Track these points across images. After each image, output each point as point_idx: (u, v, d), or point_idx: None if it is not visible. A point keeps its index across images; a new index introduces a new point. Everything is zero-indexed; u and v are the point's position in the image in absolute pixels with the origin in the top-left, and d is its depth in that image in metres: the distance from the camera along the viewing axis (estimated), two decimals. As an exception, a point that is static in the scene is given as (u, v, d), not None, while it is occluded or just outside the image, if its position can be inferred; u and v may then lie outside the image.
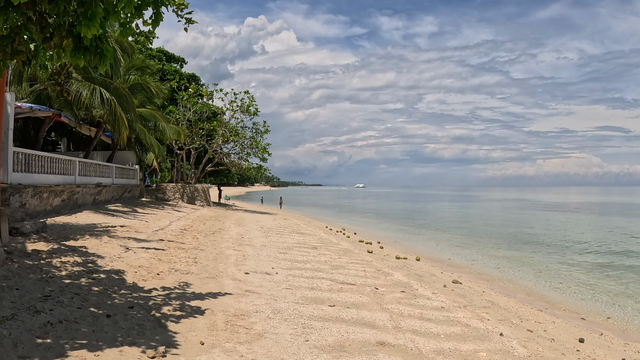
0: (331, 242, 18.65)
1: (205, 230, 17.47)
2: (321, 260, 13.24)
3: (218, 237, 15.79)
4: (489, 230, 30.86)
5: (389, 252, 18.54)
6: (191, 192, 32.57)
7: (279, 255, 13.16)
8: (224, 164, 36.39)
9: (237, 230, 18.89)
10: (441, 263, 17.46)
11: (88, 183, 20.63)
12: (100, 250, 10.47)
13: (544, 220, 40.49)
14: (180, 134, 27.12)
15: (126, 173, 27.21)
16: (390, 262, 15.37)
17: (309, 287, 9.46)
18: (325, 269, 11.94)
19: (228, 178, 55.08)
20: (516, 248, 22.41)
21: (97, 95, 17.69)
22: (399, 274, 12.79)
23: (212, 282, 8.85)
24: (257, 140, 34.84)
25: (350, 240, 21.21)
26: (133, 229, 14.99)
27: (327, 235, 21.19)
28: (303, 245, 16.41)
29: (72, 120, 20.83)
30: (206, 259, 11.31)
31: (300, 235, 19.50)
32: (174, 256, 11.07)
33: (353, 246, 18.30)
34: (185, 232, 16.14)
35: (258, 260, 11.90)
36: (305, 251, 14.82)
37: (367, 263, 14.00)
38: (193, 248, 12.70)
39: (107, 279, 8.11)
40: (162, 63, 36.67)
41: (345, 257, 14.77)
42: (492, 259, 19.04)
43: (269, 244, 15.50)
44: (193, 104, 33.64)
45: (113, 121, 18.32)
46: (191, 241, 14.03)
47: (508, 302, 11.80)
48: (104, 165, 23.24)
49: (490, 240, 25.26)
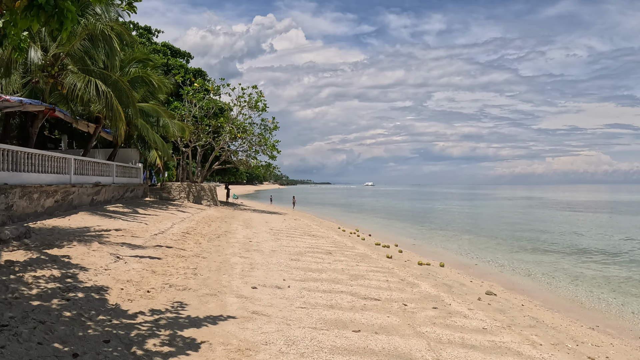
0: (346, 245, 17.22)
1: (210, 234, 16.07)
2: (338, 269, 11.81)
3: (223, 242, 14.38)
4: (510, 231, 29.25)
5: (409, 257, 17.07)
6: (197, 191, 31.23)
7: (290, 263, 11.73)
8: (232, 162, 34.94)
9: (245, 233, 17.48)
10: (467, 269, 15.95)
11: (85, 182, 19.32)
12: (85, 261, 9.09)
13: (564, 221, 38.78)
14: (185, 131, 25.70)
15: (128, 172, 25.91)
16: (413, 269, 13.90)
17: (328, 305, 8.02)
18: (344, 279, 10.51)
19: (236, 176, 53.75)
20: (542, 251, 20.83)
21: (92, 88, 16.34)
22: (425, 284, 11.34)
23: (213, 301, 7.43)
24: (266, 137, 33.39)
25: (365, 243, 19.74)
26: (129, 233, 13.62)
27: (341, 238, 19.75)
28: (316, 249, 14.98)
29: (68, 116, 19.52)
30: (208, 269, 9.89)
31: (312, 238, 18.07)
32: (171, 266, 9.65)
33: (370, 250, 16.85)
34: (187, 236, 14.75)
35: (267, 270, 10.47)
36: (319, 257, 13.39)
37: (389, 271, 12.55)
38: (194, 256, 11.28)
39: (85, 300, 6.71)
40: (167, 57, 35.32)
41: (364, 263, 13.33)
42: (520, 264, 17.50)
43: (279, 249, 14.08)
44: (199, 100, 32.23)
45: (110, 116, 16.97)
46: (193, 247, 12.62)
47: (553, 318, 10.29)
48: (104, 163, 21.92)
49: (513, 242, 23.67)
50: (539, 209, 56.85)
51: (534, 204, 68.87)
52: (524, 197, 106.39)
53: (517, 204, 71.97)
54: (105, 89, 16.51)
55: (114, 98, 16.69)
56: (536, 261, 18.15)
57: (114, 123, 17.07)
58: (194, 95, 31.95)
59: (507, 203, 74.28)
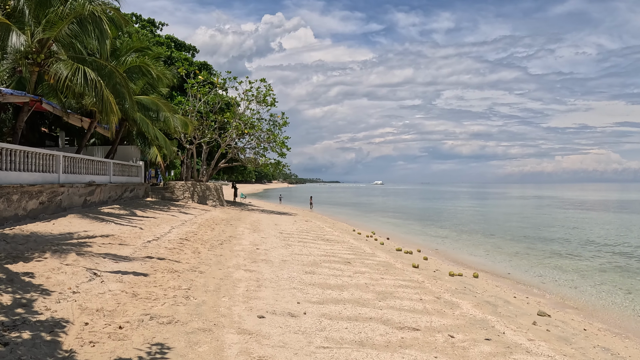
0: (365, 252, 15.35)
1: (212, 240, 14.25)
2: (361, 284, 9.95)
3: (227, 250, 12.54)
4: (536, 233, 27.21)
5: (436, 265, 15.18)
6: (202, 190, 29.43)
7: (304, 278, 9.88)
8: (239, 159, 33.02)
9: (252, 238, 15.65)
10: (504, 281, 14.03)
11: (76, 182, 17.59)
12: (51, 280, 7.28)
13: (591, 222, 36.62)
14: (188, 126, 23.81)
15: (128, 170, 24.17)
16: (446, 281, 12.02)
17: (357, 341, 6.17)
18: (370, 299, 8.65)
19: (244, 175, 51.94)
20: (578, 257, 18.81)
21: (80, 76, 14.56)
22: (466, 303, 9.45)
23: (206, 341, 5.58)
24: (275, 133, 31.44)
25: (385, 248, 17.86)
26: (118, 240, 11.83)
27: (358, 243, 17.87)
28: (333, 258, 13.12)
29: (58, 109, 17.76)
30: (204, 289, 8.03)
31: (327, 244, 16.21)
32: (158, 286, 7.82)
33: (392, 258, 14.97)
34: (185, 242, 12.92)
35: (277, 289, 8.61)
36: (338, 268, 11.53)
37: (420, 286, 10.67)
38: (190, 270, 9.45)
39: (30, 343, 4.89)
40: (171, 50, 33.53)
41: (389, 275, 11.46)
42: (560, 273, 15.54)
43: (290, 259, 12.22)
44: (204, 94, 30.38)
45: (100, 107, 15.18)
46: (190, 258, 10.78)
47: (627, 347, 8.37)
48: (99, 161, 20.17)
49: (544, 246, 21.64)
50: (558, 208, 54.59)
51: (552, 203, 66.53)
52: (537, 196, 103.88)
53: (533, 203, 69.64)
54: (94, 77, 14.72)
55: (104, 87, 14.91)
56: (576, 269, 16.18)
57: (105, 115, 15.28)
58: (199, 90, 30.08)
59: (522, 202, 71.96)
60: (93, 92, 14.62)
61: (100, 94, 14.71)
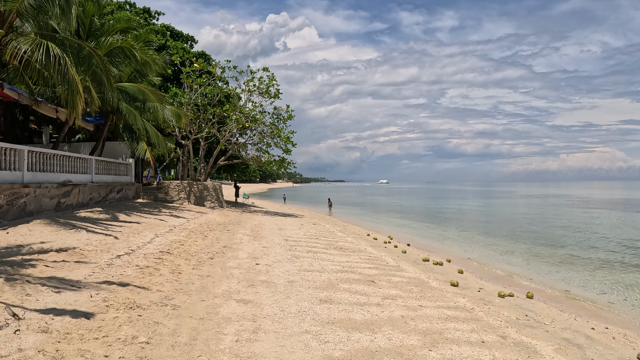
0: (388, 264, 12.67)
1: (201, 252, 11.58)
2: (396, 317, 7.32)
3: (217, 267, 9.87)
4: (571, 238, 24.48)
5: (476, 280, 12.50)
6: (199, 191, 26.75)
7: (320, 311, 7.21)
8: (240, 157, 30.23)
9: (251, 249, 12.99)
10: (565, 301, 11.32)
11: (47, 181, 15.00)
12: None
13: (627, 223, 33.84)
14: (181, 118, 21.09)
15: (115, 168, 21.54)
16: (499, 306, 9.34)
17: None
18: (416, 346, 6.01)
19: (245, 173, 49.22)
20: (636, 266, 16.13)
21: (41, 52, 11.95)
22: (543, 344, 6.87)
23: None
24: (279, 127, 28.63)
25: (410, 258, 15.19)
26: (78, 256, 9.21)
27: (377, 251, 15.19)
28: (352, 275, 10.45)
29: (25, 96, 15.16)
30: (172, 341, 5.35)
31: (341, 254, 13.53)
32: (101, 338, 5.15)
33: (423, 272, 12.29)
34: (166, 257, 10.25)
35: (282, 335, 5.94)
36: (361, 291, 8.87)
37: (471, 315, 8.03)
38: (159, 303, 6.78)
39: None
40: (166, 39, 30.87)
41: (428, 301, 8.80)
42: (623, 289, 12.84)
43: (298, 278, 9.57)
44: (201, 84, 27.63)
45: (66, 90, 12.55)
46: (165, 281, 8.11)
47: None
48: (77, 157, 17.55)
49: (590, 254, 18.86)
50: (579, 207, 51.66)
51: (570, 203, 63.61)
52: (550, 194, 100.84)
53: (549, 202, 66.68)
54: (58, 53, 12.10)
55: (70, 65, 12.28)
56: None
57: (71, 98, 12.63)
58: (194, 80, 27.30)
59: (536, 202, 69.00)
60: (56, 70, 11.99)
61: (64, 72, 12.09)
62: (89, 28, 17.22)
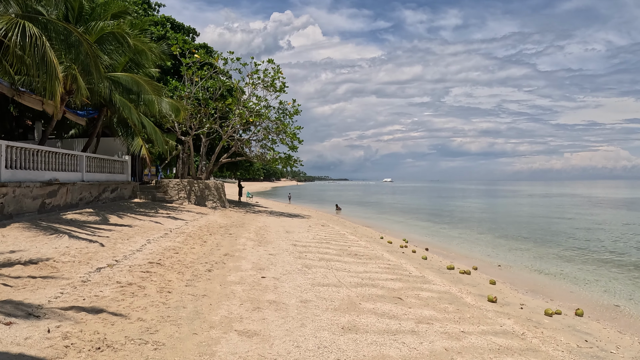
0: (411, 274, 11.12)
1: (198, 262, 10.05)
2: (438, 351, 5.81)
3: (216, 282, 8.34)
4: (596, 240, 22.88)
5: (515, 294, 10.95)
6: (200, 190, 25.21)
7: (344, 346, 5.66)
8: (244, 154, 28.62)
9: (256, 256, 11.46)
10: (619, 319, 9.76)
11: (29, 180, 13.51)
12: None
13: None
14: (180, 111, 19.51)
15: (109, 166, 20.02)
16: (551, 329, 7.80)
17: None
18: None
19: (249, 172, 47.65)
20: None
21: (17, 33, 10.45)
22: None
23: None
24: (285, 122, 27.03)
25: (432, 265, 13.63)
26: (49, 269, 7.70)
27: (396, 258, 13.62)
28: (374, 289, 8.90)
29: (5, 86, 13.66)
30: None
31: (357, 262, 11.98)
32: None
33: (452, 283, 10.74)
34: (155, 269, 8.72)
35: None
36: (389, 313, 7.33)
37: (527, 344, 6.51)
38: (136, 340, 5.22)
39: None
40: (166, 30, 29.33)
41: (468, 323, 7.26)
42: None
43: (313, 295, 8.03)
44: (202, 77, 26.05)
45: (44, 75, 11.03)
46: (150, 304, 6.58)
47: None
48: (66, 154, 16.04)
49: (622, 258, 17.34)
50: (595, 207, 49.92)
51: (583, 202, 61.85)
52: (559, 194, 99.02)
53: (562, 201, 64.90)
54: (35, 32, 10.59)
55: (47, 46, 10.76)
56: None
57: (49, 84, 11.10)
58: (195, 72, 25.71)
59: (549, 201, 67.21)
60: (32, 52, 10.49)
61: (42, 54, 10.58)
62: (79, 13, 15.70)
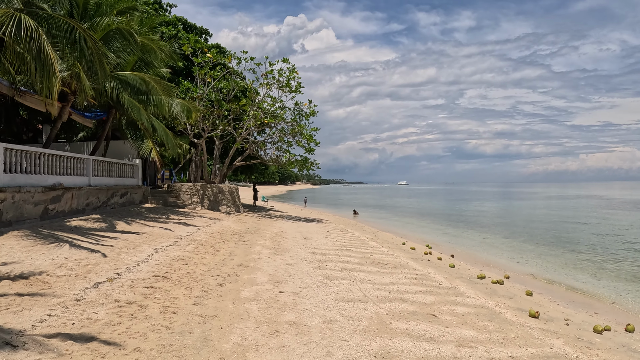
0: (441, 285, 10.07)
1: (209, 275, 9.11)
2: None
3: (228, 301, 7.39)
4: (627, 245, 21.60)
5: (555, 307, 9.87)
6: (214, 194, 24.38)
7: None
8: (258, 157, 27.71)
9: (273, 267, 10.50)
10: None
11: (30, 184, 12.72)
12: None
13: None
14: (191, 112, 18.63)
15: (118, 169, 19.24)
16: (606, 350, 6.84)
17: None
18: None
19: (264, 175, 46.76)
20: None
21: (11, 25, 9.66)
22: None
23: None
24: (301, 124, 26.06)
25: (462, 274, 12.56)
26: (39, 285, 6.83)
27: (422, 267, 12.58)
28: (403, 305, 7.88)
29: (5, 85, 12.91)
30: None
31: (382, 271, 10.96)
32: None
33: (487, 296, 9.68)
34: (159, 284, 7.80)
35: None
36: (424, 334, 6.31)
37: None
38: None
39: None
40: (177, 30, 28.60)
41: (515, 346, 6.29)
42: None
43: (337, 314, 7.04)
44: (215, 77, 25.21)
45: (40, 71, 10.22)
46: (150, 329, 5.64)
47: None
48: (71, 157, 15.26)
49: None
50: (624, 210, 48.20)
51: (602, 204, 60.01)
52: (577, 195, 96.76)
53: (580, 203, 63.04)
54: (31, 25, 9.79)
55: (44, 39, 9.95)
56: None
57: (46, 80, 10.30)
58: (207, 73, 24.88)
59: (568, 203, 65.40)
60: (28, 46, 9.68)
61: (38, 48, 9.77)
62: (83, 9, 14.94)
